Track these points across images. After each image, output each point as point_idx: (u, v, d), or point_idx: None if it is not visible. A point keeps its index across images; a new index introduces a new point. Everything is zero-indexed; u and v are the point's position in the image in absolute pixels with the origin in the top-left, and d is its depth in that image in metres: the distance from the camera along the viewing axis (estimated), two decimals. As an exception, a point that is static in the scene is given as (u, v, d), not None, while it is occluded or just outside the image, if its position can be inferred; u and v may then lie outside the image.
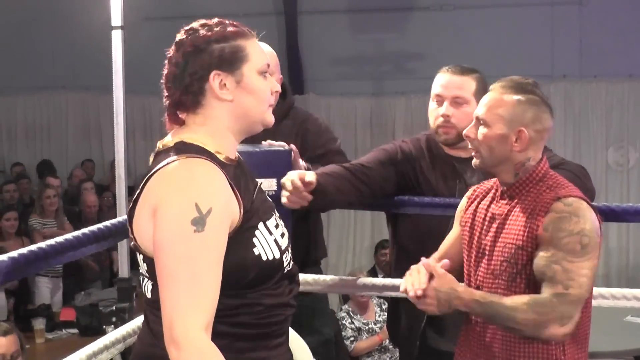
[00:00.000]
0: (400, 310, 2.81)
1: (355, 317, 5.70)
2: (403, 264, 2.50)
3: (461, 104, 2.69)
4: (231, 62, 1.77)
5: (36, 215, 7.16)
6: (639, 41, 8.52)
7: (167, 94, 1.80)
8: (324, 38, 9.40)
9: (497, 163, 2.21)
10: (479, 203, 2.32)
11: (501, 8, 8.99)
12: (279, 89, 2.03)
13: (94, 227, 2.11)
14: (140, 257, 1.82)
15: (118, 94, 3.34)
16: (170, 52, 1.81)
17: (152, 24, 9.25)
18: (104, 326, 3.20)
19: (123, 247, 3.32)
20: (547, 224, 2.11)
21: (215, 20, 1.83)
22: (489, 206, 2.28)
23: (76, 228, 6.87)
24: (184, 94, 1.77)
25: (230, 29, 1.80)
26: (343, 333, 5.60)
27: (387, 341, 5.73)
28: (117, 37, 3.35)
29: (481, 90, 2.70)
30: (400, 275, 2.34)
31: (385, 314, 5.76)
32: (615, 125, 8.89)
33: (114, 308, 3.30)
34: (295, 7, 9.45)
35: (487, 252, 2.23)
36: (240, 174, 1.83)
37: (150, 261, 1.74)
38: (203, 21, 1.82)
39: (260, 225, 1.80)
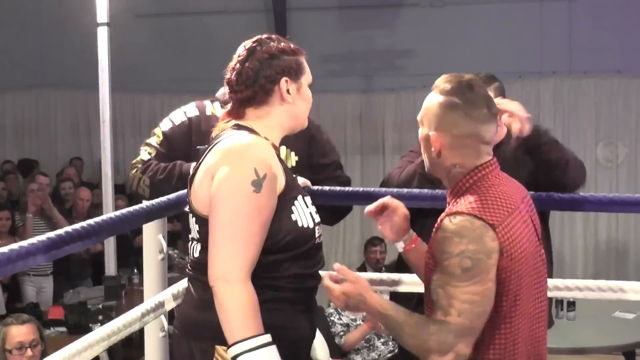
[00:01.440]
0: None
1: (343, 313, 5.70)
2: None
3: None
4: (296, 72, 2.14)
5: (18, 214, 7.12)
6: (628, 37, 8.54)
7: (235, 91, 2.12)
8: (313, 35, 9.37)
9: (431, 166, 2.13)
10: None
11: (491, 4, 8.99)
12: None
13: (77, 226, 2.10)
14: (192, 220, 2.09)
15: (104, 91, 3.34)
16: (241, 56, 2.13)
17: (143, 22, 9.24)
18: (91, 324, 3.20)
19: (110, 245, 3.32)
20: (435, 243, 2.00)
21: (275, 36, 2.18)
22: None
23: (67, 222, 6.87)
24: (255, 92, 2.10)
25: (292, 46, 2.17)
26: (332, 329, 5.59)
27: (376, 338, 5.74)
28: (102, 34, 3.34)
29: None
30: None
31: None
32: (605, 121, 8.91)
33: (100, 306, 3.31)
34: (284, 3, 9.43)
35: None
36: (282, 160, 2.14)
37: (202, 222, 2.03)
38: (267, 35, 2.18)
39: (299, 197, 2.10)
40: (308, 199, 2.15)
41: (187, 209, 2.13)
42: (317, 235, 2.12)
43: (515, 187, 2.16)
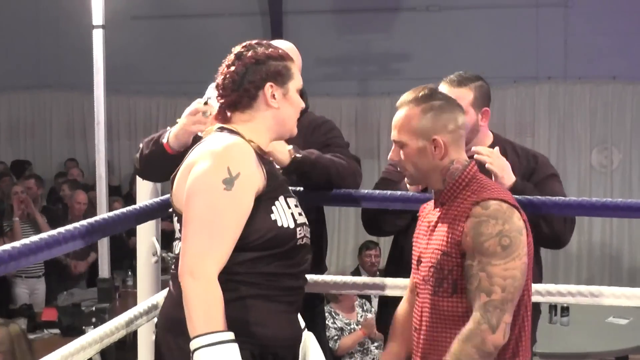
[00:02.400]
0: (389, 309, 2.81)
1: (337, 317, 5.71)
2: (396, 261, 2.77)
3: None
4: (283, 77, 2.14)
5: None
6: (624, 43, 8.57)
7: (221, 95, 2.16)
8: (309, 38, 9.37)
9: (426, 175, 2.24)
10: (426, 215, 2.34)
11: (487, 9, 9.02)
12: (304, 105, 2.27)
13: (70, 226, 2.11)
14: (175, 219, 2.14)
15: (99, 92, 3.33)
16: (229, 61, 2.15)
17: (139, 24, 9.24)
18: (84, 327, 3.19)
19: (104, 247, 3.31)
20: (467, 230, 2.12)
21: (265, 41, 2.21)
22: (427, 215, 2.32)
23: (58, 225, 6.85)
24: (240, 96, 2.12)
25: (281, 51, 2.17)
26: (327, 333, 5.60)
27: (370, 342, 5.75)
28: (98, 36, 3.34)
29: (480, 98, 2.76)
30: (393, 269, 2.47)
31: (367, 314, 5.85)
32: (600, 126, 8.94)
33: (93, 308, 3.30)
34: (280, 7, 9.44)
35: (421, 259, 2.27)
36: (269, 163, 2.19)
37: (181, 220, 2.05)
38: (256, 40, 2.20)
39: (281, 198, 2.11)
40: (292, 200, 2.15)
41: (170, 209, 2.16)
42: (299, 236, 2.11)
43: None
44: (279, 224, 2.06)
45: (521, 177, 2.71)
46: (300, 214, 2.15)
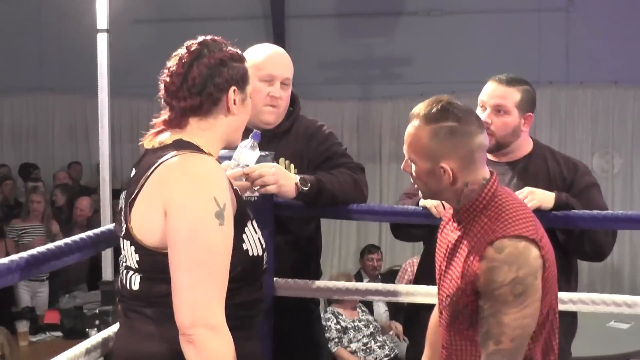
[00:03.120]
0: (420, 316, 2.80)
1: (340, 317, 5.77)
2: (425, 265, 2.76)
3: (502, 113, 2.72)
4: (243, 82, 1.97)
5: (19, 221, 7.13)
6: (625, 48, 8.58)
7: (179, 98, 1.91)
8: (311, 42, 9.41)
9: (437, 194, 2.12)
10: (449, 221, 2.23)
11: (488, 14, 9.03)
12: (283, 103, 2.24)
13: (76, 237, 2.12)
14: (130, 248, 1.88)
15: (103, 96, 3.33)
16: (184, 58, 1.93)
17: (142, 27, 9.26)
18: (87, 329, 3.19)
19: (107, 250, 3.32)
20: (481, 273, 1.99)
21: (218, 38, 1.99)
22: (448, 227, 2.21)
23: (64, 230, 6.89)
24: (202, 102, 1.90)
25: (239, 51, 1.99)
26: (327, 334, 5.63)
27: (373, 342, 5.79)
28: (102, 40, 3.34)
29: (526, 102, 2.73)
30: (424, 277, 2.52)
31: (365, 313, 6.01)
32: (601, 131, 8.95)
33: (97, 311, 3.30)
34: (282, 11, 9.46)
35: (442, 280, 2.18)
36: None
37: (145, 253, 1.84)
38: (210, 37, 1.98)
39: (249, 223, 1.94)
40: (254, 222, 1.97)
41: (121, 234, 1.92)
42: (264, 262, 1.97)
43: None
44: (250, 254, 1.90)
45: (561, 184, 2.68)
46: (263, 235, 1.99)
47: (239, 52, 2.00)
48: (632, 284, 8.80)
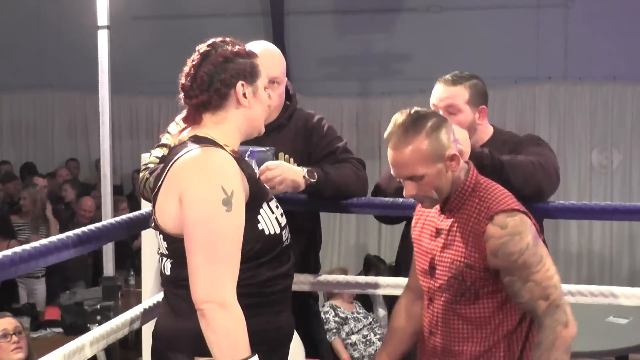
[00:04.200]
0: None
1: (338, 309, 5.84)
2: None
3: (455, 113, 2.77)
4: (252, 75, 2.10)
5: (17, 217, 7.14)
6: (624, 44, 8.59)
7: (190, 96, 2.08)
8: (310, 38, 9.42)
9: (445, 192, 2.23)
10: (425, 218, 2.36)
11: (487, 10, 9.04)
12: (272, 103, 2.28)
13: (78, 231, 2.14)
14: (160, 237, 2.07)
15: (104, 93, 3.35)
16: (195, 60, 2.09)
17: (141, 24, 9.26)
18: (89, 325, 3.21)
19: (108, 245, 3.34)
20: (493, 251, 2.15)
21: (229, 39, 2.14)
22: (432, 220, 2.33)
23: (65, 228, 6.90)
24: (210, 97, 2.06)
25: (247, 49, 2.14)
26: (326, 326, 5.69)
27: (372, 334, 5.84)
28: (103, 37, 3.36)
29: (475, 97, 2.78)
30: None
31: (362, 307, 6.15)
32: (600, 127, 8.95)
33: (98, 307, 3.33)
34: (282, 7, 9.47)
35: (436, 266, 2.28)
36: (245, 164, 2.13)
37: (171, 240, 2.02)
38: (221, 38, 2.14)
39: (264, 205, 2.08)
40: (273, 202, 2.14)
41: (152, 225, 2.10)
42: (284, 239, 2.12)
43: None
44: (267, 232, 2.05)
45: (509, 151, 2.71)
46: (282, 215, 2.14)
47: (247, 49, 2.13)
48: (631, 276, 8.83)
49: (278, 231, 2.08)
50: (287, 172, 2.52)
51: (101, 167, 3.35)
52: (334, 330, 5.76)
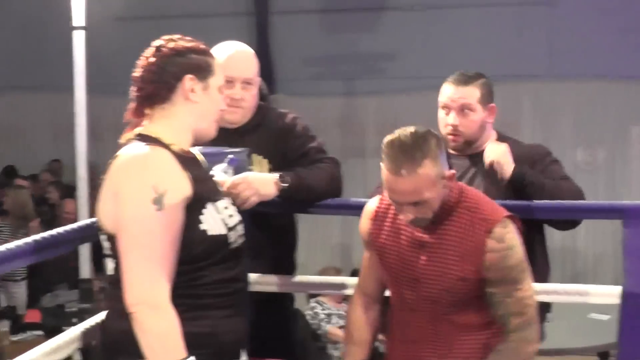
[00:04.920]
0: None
1: (324, 304, 5.87)
2: None
3: (467, 113, 2.80)
4: (203, 72, 2.07)
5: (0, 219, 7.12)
6: (608, 42, 8.60)
7: (138, 88, 2.07)
8: (295, 38, 9.41)
9: (433, 210, 2.20)
10: (389, 223, 2.31)
11: (471, 8, 9.04)
12: (224, 107, 2.21)
13: (53, 232, 2.15)
14: (103, 238, 2.05)
15: (80, 94, 3.35)
16: (148, 54, 2.08)
17: (123, 25, 9.23)
18: (64, 327, 3.20)
19: (84, 247, 3.33)
20: (491, 264, 2.18)
21: (189, 37, 2.12)
22: (408, 231, 2.27)
23: (48, 230, 6.86)
24: (158, 88, 2.04)
25: (202, 46, 2.11)
26: (315, 320, 5.71)
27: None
28: (78, 38, 3.36)
29: (486, 95, 2.81)
30: None
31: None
32: (584, 124, 8.97)
33: (76, 309, 3.32)
34: (266, 6, 9.45)
35: (421, 279, 2.24)
36: (193, 163, 2.08)
37: (112, 240, 1.98)
38: (179, 35, 2.12)
39: (209, 205, 2.03)
40: (222, 202, 2.09)
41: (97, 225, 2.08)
42: (231, 240, 2.06)
43: None
44: (210, 233, 2.00)
45: (530, 166, 2.76)
46: (231, 216, 2.09)
47: (203, 46, 2.11)
48: (615, 274, 8.83)
49: (224, 231, 2.03)
50: (254, 183, 2.44)
51: (77, 168, 3.35)
52: (326, 320, 5.79)
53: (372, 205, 2.38)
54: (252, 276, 2.68)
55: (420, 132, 2.15)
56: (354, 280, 2.90)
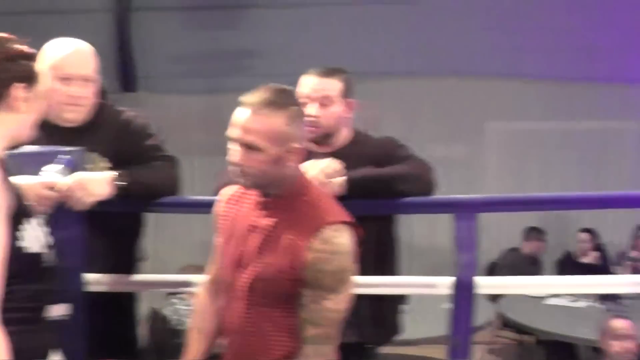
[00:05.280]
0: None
1: (185, 301, 5.86)
2: None
3: (328, 104, 2.82)
4: (32, 80, 1.98)
5: None
6: (465, 39, 8.87)
7: None
8: (157, 35, 9.26)
9: (270, 183, 2.16)
10: (237, 208, 2.28)
11: (333, 6, 9.13)
12: (86, 102, 2.25)
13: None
14: None
15: None
16: None
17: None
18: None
19: None
20: (308, 263, 2.09)
21: (14, 36, 2.00)
22: (247, 214, 2.23)
23: None
24: None
25: (32, 50, 2.02)
26: (176, 316, 5.67)
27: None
28: None
29: (346, 90, 2.86)
30: None
31: None
32: (442, 121, 9.23)
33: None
34: (127, 3, 9.26)
35: (245, 264, 2.19)
36: (5, 174, 1.97)
37: None
38: (6, 35, 2.00)
39: (26, 221, 1.96)
40: (37, 217, 2.02)
41: None
42: (45, 258, 2.01)
43: None
44: (25, 251, 1.94)
45: (386, 163, 2.78)
46: (45, 233, 2.03)
47: (31, 50, 2.02)
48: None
49: (36, 250, 1.98)
50: (88, 184, 2.42)
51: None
52: (188, 315, 5.78)
53: (229, 190, 2.35)
54: (89, 276, 2.64)
55: (289, 90, 2.17)
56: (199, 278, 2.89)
